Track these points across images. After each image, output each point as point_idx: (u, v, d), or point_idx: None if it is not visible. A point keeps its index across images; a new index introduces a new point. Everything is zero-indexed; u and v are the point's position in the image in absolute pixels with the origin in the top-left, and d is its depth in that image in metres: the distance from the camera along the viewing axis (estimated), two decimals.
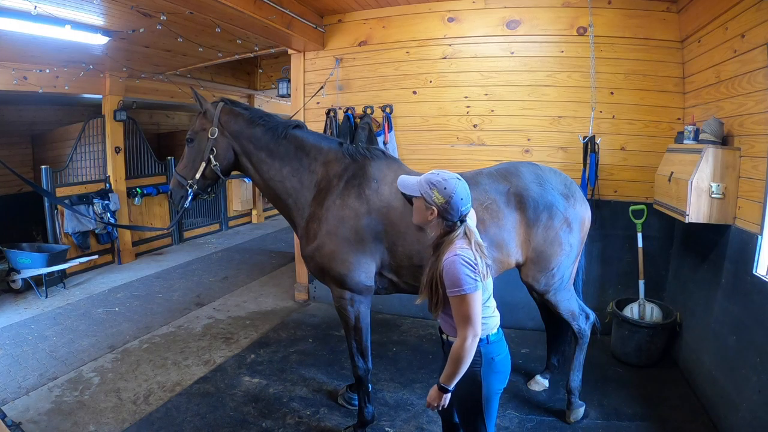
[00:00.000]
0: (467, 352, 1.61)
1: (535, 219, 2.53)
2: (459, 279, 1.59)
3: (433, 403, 1.72)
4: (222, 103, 2.69)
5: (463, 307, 1.60)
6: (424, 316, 4.40)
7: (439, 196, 1.65)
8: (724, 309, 2.78)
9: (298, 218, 2.70)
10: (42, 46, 4.54)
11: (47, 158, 6.95)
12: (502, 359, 1.77)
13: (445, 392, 1.69)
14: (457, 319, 1.64)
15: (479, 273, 1.62)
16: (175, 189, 2.76)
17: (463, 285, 1.59)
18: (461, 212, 1.66)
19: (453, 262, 1.61)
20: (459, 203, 1.65)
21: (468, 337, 1.60)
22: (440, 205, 1.65)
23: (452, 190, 1.64)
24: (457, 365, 1.63)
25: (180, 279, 5.75)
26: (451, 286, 1.61)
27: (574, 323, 2.76)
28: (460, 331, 1.62)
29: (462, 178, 1.71)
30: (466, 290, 1.59)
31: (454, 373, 1.65)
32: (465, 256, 1.61)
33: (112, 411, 2.90)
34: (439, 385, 1.69)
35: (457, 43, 4.09)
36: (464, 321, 1.61)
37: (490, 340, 1.74)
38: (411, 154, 4.22)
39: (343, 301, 2.60)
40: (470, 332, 1.60)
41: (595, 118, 3.77)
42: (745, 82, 2.66)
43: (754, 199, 2.54)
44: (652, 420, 2.79)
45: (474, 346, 1.62)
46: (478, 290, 1.61)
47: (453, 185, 1.65)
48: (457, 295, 1.60)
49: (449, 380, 1.67)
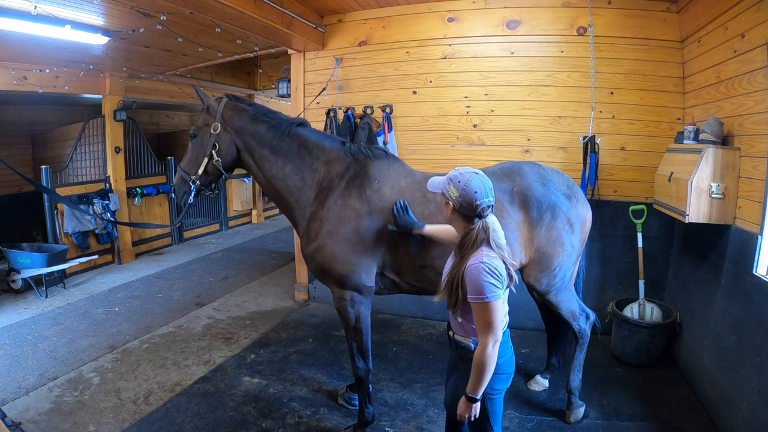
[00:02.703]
0: (490, 359, 1.60)
1: (538, 219, 2.52)
2: (482, 287, 1.58)
3: (464, 415, 1.69)
4: (225, 98, 2.68)
5: (485, 314, 1.60)
6: (424, 316, 4.40)
7: (454, 189, 1.67)
8: (724, 309, 2.78)
9: (299, 217, 2.69)
10: (42, 46, 4.54)
11: (47, 158, 6.95)
12: (506, 361, 1.76)
13: (473, 402, 1.67)
14: (478, 325, 1.63)
15: (504, 281, 1.61)
16: (178, 185, 2.74)
17: (486, 293, 1.58)
18: (476, 205, 1.64)
19: (477, 270, 1.60)
20: (473, 196, 1.63)
21: (489, 344, 1.60)
22: (455, 198, 1.66)
23: (466, 183, 1.65)
24: (481, 373, 1.62)
25: (180, 279, 5.75)
26: (473, 293, 1.60)
27: (574, 323, 2.76)
28: (481, 338, 1.62)
29: (481, 174, 1.70)
30: (489, 299, 1.58)
31: (479, 381, 1.64)
32: (490, 264, 1.60)
33: (112, 411, 2.90)
34: (467, 395, 1.67)
35: (457, 43, 4.09)
36: (485, 327, 1.60)
37: None
38: (411, 154, 4.22)
39: (343, 301, 2.60)
40: (491, 339, 1.60)
41: (595, 118, 3.77)
42: (745, 82, 2.66)
43: (754, 199, 2.54)
44: (652, 420, 2.79)
45: (495, 352, 1.61)
46: (500, 298, 1.61)
47: (467, 178, 1.66)
48: (480, 303, 1.60)
49: (476, 389, 1.65)
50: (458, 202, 1.67)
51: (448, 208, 1.71)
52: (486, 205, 1.66)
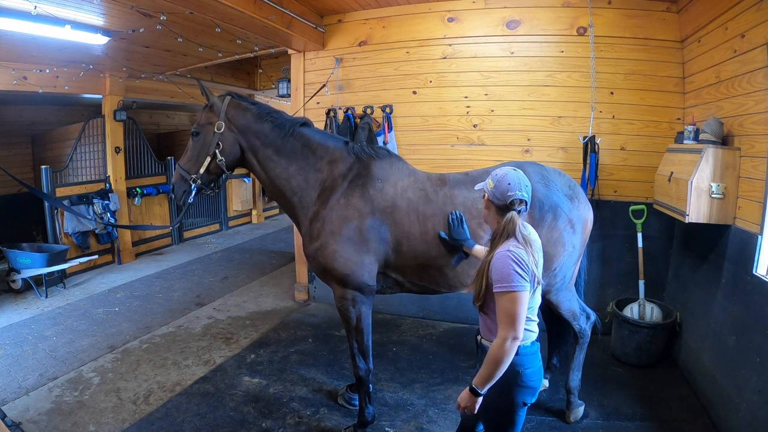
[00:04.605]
0: (505, 355, 1.53)
1: (540, 219, 2.52)
2: (508, 274, 1.55)
3: (462, 404, 1.65)
4: (229, 96, 2.66)
5: (508, 304, 1.54)
6: (424, 316, 4.40)
7: (491, 181, 1.73)
8: (724, 309, 2.78)
9: (302, 217, 2.68)
10: (42, 46, 4.54)
11: (47, 158, 6.94)
12: (532, 373, 1.68)
13: (476, 395, 1.61)
14: (499, 317, 1.57)
15: (530, 272, 1.57)
16: (178, 183, 2.70)
17: (512, 281, 1.54)
18: (507, 195, 1.66)
19: (504, 257, 1.58)
20: (506, 186, 1.67)
21: (507, 338, 1.53)
22: (490, 189, 1.72)
23: (503, 175, 1.71)
24: (492, 367, 1.56)
25: (180, 279, 5.75)
26: (498, 281, 1.56)
27: (574, 323, 2.76)
28: (500, 331, 1.56)
29: (520, 172, 1.74)
30: (514, 287, 1.53)
31: (488, 376, 1.57)
32: (517, 253, 1.57)
33: (112, 411, 2.90)
34: (471, 386, 1.61)
35: (457, 43, 4.09)
36: (506, 320, 1.54)
37: (520, 352, 1.65)
38: (411, 154, 4.22)
39: (345, 301, 2.59)
40: (510, 333, 1.53)
41: (595, 118, 3.77)
42: (745, 82, 2.66)
43: (754, 199, 2.54)
44: (652, 420, 2.79)
45: (513, 349, 1.54)
46: (526, 291, 1.55)
47: (505, 171, 1.73)
48: (504, 291, 1.55)
49: (482, 383, 1.59)
50: (492, 192, 1.71)
51: (485, 200, 1.77)
52: (518, 198, 1.67)
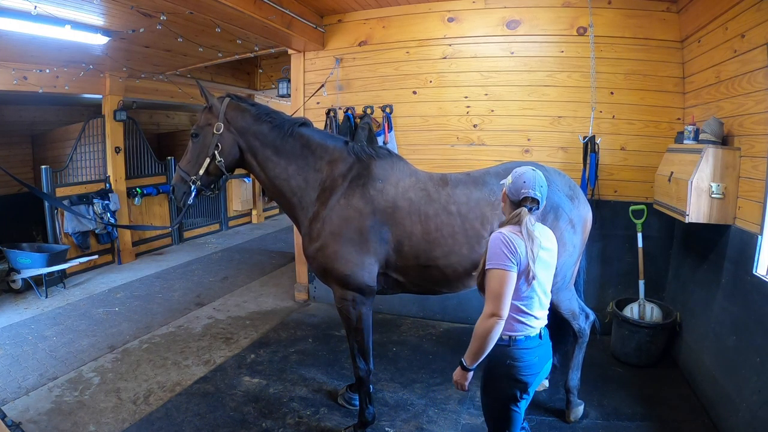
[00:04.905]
0: (487, 330, 1.64)
1: (541, 219, 2.50)
2: (495, 253, 1.66)
3: (455, 378, 1.78)
4: (228, 98, 2.67)
5: (493, 281, 1.65)
6: (424, 316, 4.40)
7: (510, 177, 1.82)
8: (724, 309, 2.78)
9: (302, 217, 2.68)
10: (42, 46, 4.54)
11: (47, 158, 6.94)
12: (523, 368, 1.74)
13: (465, 370, 1.73)
14: (486, 294, 1.69)
15: (518, 256, 1.65)
16: (177, 185, 2.71)
17: (498, 259, 1.65)
18: (521, 192, 1.74)
19: (496, 237, 1.70)
20: (521, 184, 1.75)
21: (488, 313, 1.64)
22: (508, 184, 1.81)
23: (521, 173, 1.78)
24: (477, 342, 1.67)
25: (180, 279, 5.75)
26: (489, 259, 1.69)
27: (574, 323, 2.76)
28: (486, 305, 1.67)
29: (537, 171, 1.80)
30: (500, 265, 1.64)
31: (474, 351, 1.69)
32: (507, 235, 1.68)
33: (112, 411, 2.90)
34: (461, 362, 1.74)
35: (457, 43, 4.09)
36: (490, 296, 1.66)
37: (512, 344, 1.73)
38: (411, 154, 4.22)
39: (345, 302, 2.59)
40: (491, 309, 1.64)
41: (595, 118, 3.77)
42: (745, 82, 2.66)
43: (754, 199, 2.54)
44: (652, 420, 2.79)
45: (492, 324, 1.63)
46: (510, 271, 1.64)
47: (524, 170, 1.80)
48: (491, 268, 1.67)
49: (469, 357, 1.71)
50: (509, 187, 1.80)
51: (503, 194, 1.85)
52: (530, 196, 1.74)
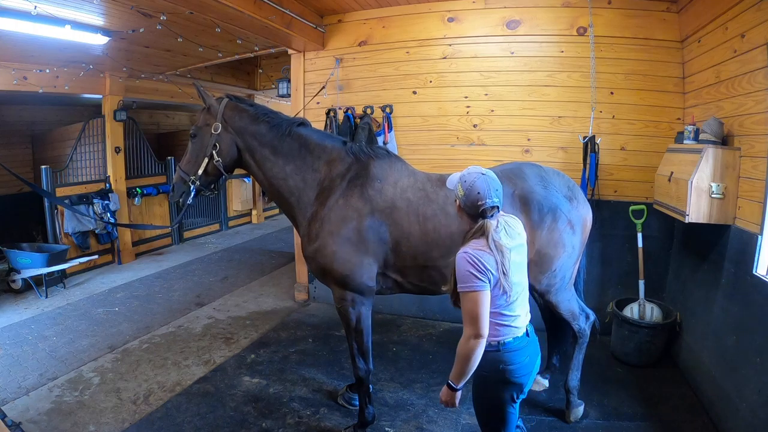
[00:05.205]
0: (470, 351, 1.60)
1: (539, 221, 2.51)
2: (463, 275, 1.60)
3: (443, 399, 1.72)
4: (226, 98, 2.68)
5: (468, 304, 1.60)
6: (424, 316, 4.40)
7: (461, 188, 1.69)
8: (724, 309, 2.78)
9: (300, 217, 2.68)
10: (42, 46, 4.54)
11: (47, 158, 6.93)
12: (516, 369, 1.71)
13: (453, 390, 1.69)
14: (463, 316, 1.63)
15: (488, 273, 1.59)
16: (177, 185, 2.73)
17: (468, 281, 1.59)
18: (479, 205, 1.64)
19: (461, 259, 1.62)
20: (476, 196, 1.64)
21: (470, 336, 1.59)
22: (461, 197, 1.69)
23: (471, 183, 1.66)
24: (461, 363, 1.63)
25: (180, 279, 5.75)
26: (459, 281, 1.63)
27: (574, 323, 2.76)
28: (464, 329, 1.62)
29: (489, 174, 1.70)
30: (469, 287, 1.59)
31: (460, 372, 1.64)
32: (473, 254, 1.60)
33: (112, 411, 2.90)
34: (448, 382, 1.70)
35: (457, 43, 4.09)
36: (467, 318, 1.61)
37: (501, 348, 1.70)
38: (411, 154, 4.22)
39: (344, 302, 2.59)
40: (471, 331, 1.59)
41: (595, 118, 3.77)
42: (745, 82, 2.66)
43: (754, 199, 2.54)
44: (652, 420, 2.79)
45: (474, 346, 1.59)
46: (483, 290, 1.59)
47: (473, 178, 1.67)
48: (462, 291, 1.62)
49: (456, 378, 1.67)
50: (463, 200, 1.69)
51: (457, 205, 1.75)
52: (489, 206, 1.66)
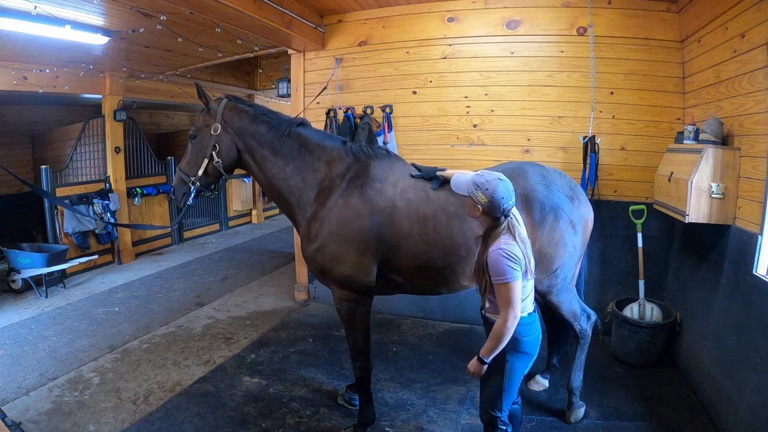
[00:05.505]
0: (508, 331, 1.86)
1: (540, 221, 2.50)
2: (503, 270, 1.83)
3: (471, 370, 1.98)
4: (226, 99, 2.67)
5: (506, 293, 1.84)
6: (424, 316, 4.40)
7: (483, 195, 1.89)
8: (724, 309, 2.78)
9: (300, 217, 2.68)
10: (42, 46, 4.54)
11: (47, 158, 6.93)
12: (529, 341, 1.98)
13: (483, 363, 1.94)
14: (499, 302, 1.88)
15: (521, 264, 1.85)
16: (177, 186, 2.73)
17: (506, 275, 1.82)
18: (503, 208, 1.88)
19: (497, 255, 1.84)
20: (500, 201, 1.87)
21: (509, 318, 1.84)
22: (484, 203, 1.90)
23: (493, 190, 1.87)
24: (497, 341, 1.88)
25: (180, 279, 5.75)
26: (495, 275, 1.86)
27: (575, 324, 2.76)
28: (502, 313, 1.86)
29: (504, 178, 1.92)
30: (508, 279, 1.83)
31: (493, 348, 1.90)
32: (507, 249, 1.84)
33: (112, 411, 2.90)
34: (479, 356, 1.94)
35: (457, 43, 4.09)
36: (506, 304, 1.85)
37: (519, 321, 1.90)
38: (411, 154, 4.22)
39: (344, 302, 2.59)
40: (511, 314, 1.84)
41: (595, 118, 3.77)
42: (745, 82, 2.66)
43: (754, 199, 2.54)
44: (652, 420, 2.79)
45: (513, 325, 1.85)
46: (518, 279, 1.84)
47: (494, 185, 1.88)
48: (500, 283, 1.85)
49: (488, 353, 1.92)
50: (487, 206, 1.89)
51: (476, 209, 1.94)
52: (510, 207, 1.91)
